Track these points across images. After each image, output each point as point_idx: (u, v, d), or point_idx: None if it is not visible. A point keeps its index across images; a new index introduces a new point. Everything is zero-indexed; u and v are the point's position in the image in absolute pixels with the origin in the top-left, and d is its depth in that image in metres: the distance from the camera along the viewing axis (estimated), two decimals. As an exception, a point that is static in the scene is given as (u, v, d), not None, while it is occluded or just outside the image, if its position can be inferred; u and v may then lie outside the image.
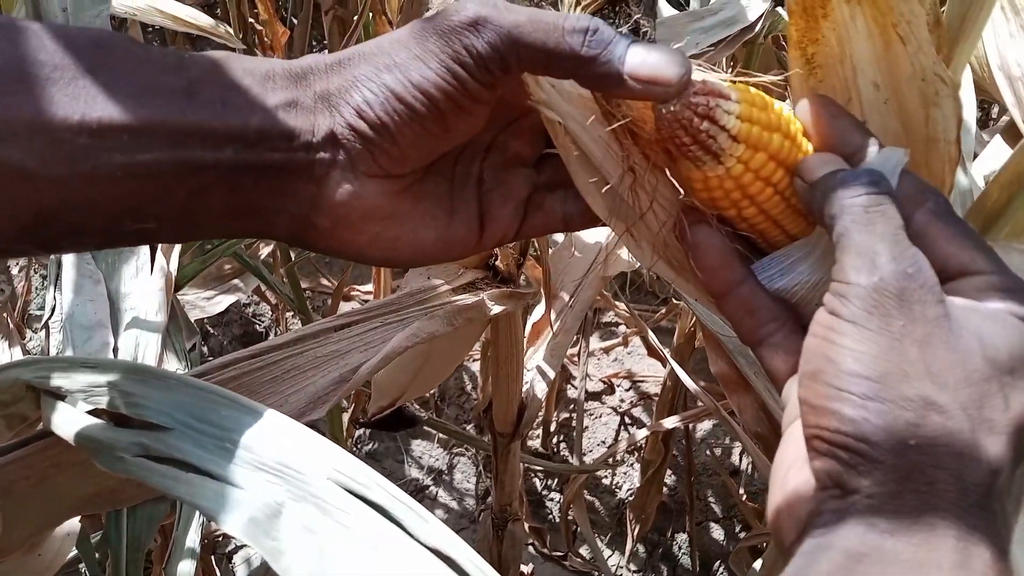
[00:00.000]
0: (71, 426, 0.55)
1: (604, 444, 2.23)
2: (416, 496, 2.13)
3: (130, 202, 0.44)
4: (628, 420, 2.29)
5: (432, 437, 2.22)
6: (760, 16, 1.06)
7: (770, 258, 0.48)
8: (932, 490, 0.37)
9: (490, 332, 1.02)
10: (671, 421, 1.61)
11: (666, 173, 0.48)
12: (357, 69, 0.46)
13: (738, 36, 1.06)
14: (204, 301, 1.56)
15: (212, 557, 1.75)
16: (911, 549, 0.36)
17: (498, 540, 1.24)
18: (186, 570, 0.92)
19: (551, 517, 2.11)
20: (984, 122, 2.49)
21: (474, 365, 2.24)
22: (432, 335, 0.79)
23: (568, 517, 1.87)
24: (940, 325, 0.39)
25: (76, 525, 0.84)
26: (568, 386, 2.25)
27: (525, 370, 1.07)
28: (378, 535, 0.44)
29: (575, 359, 2.11)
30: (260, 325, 2.44)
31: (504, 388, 1.05)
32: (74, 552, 0.95)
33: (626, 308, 1.61)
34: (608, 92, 0.46)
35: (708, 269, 0.47)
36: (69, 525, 0.81)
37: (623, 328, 2.37)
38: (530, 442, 2.15)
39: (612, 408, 2.30)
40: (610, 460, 2.07)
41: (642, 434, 1.78)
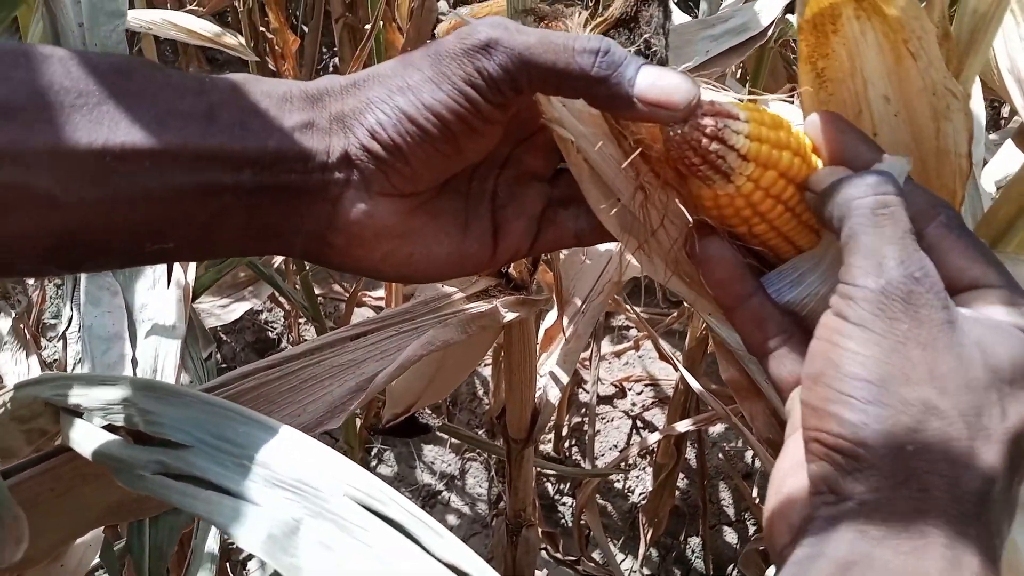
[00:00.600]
0: (89, 443, 0.56)
1: (616, 448, 2.23)
2: (428, 502, 2.14)
3: (151, 224, 0.45)
4: (640, 424, 2.29)
5: (444, 442, 2.23)
6: (770, 23, 1.06)
7: (779, 271, 0.48)
8: (925, 496, 0.37)
9: (503, 338, 1.02)
10: (683, 425, 1.61)
11: (677, 191, 0.48)
12: (371, 91, 0.46)
13: (748, 43, 1.06)
14: (219, 309, 1.57)
15: (227, 564, 1.76)
16: (901, 558, 0.36)
17: (512, 546, 1.25)
18: (205, 576, 0.93)
19: (563, 522, 2.11)
20: (994, 122, 2.47)
21: (485, 371, 2.24)
22: (447, 343, 0.80)
23: (581, 522, 1.87)
24: (944, 330, 0.39)
25: (97, 535, 0.85)
26: (579, 390, 2.25)
27: (538, 376, 1.07)
28: (395, 551, 0.45)
29: (586, 363, 2.11)
30: (272, 332, 2.45)
31: (518, 394, 1.06)
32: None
33: (636, 313, 1.60)
34: (617, 113, 0.46)
35: (718, 282, 0.48)
36: (90, 535, 0.82)
37: (634, 332, 2.37)
38: (542, 447, 2.15)
39: (624, 412, 2.30)
40: (622, 464, 2.07)
41: (654, 438, 1.77)
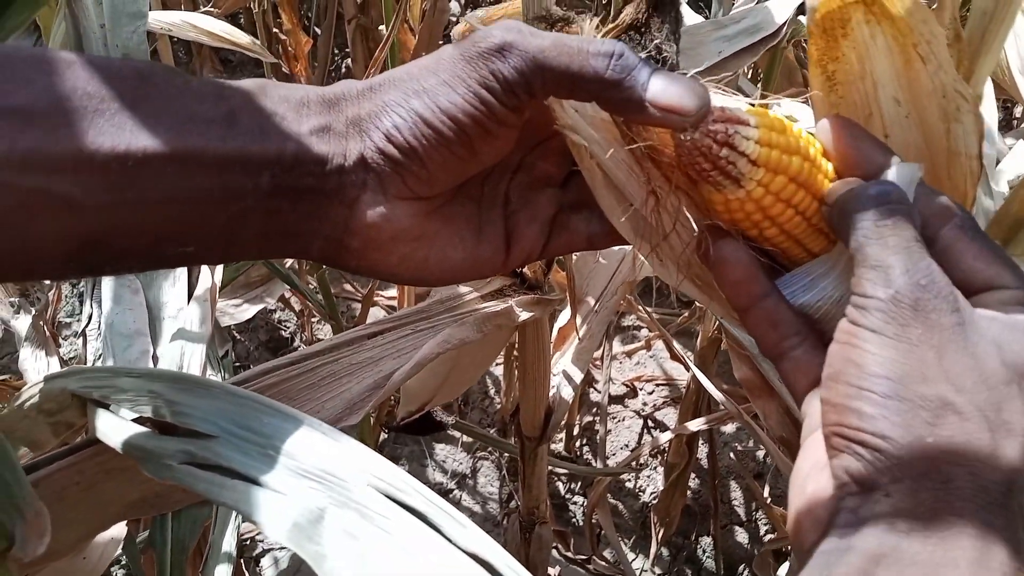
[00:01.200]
0: (117, 434, 0.57)
1: (627, 448, 2.23)
2: (441, 499, 2.14)
3: (172, 228, 0.45)
4: (651, 423, 2.29)
5: (456, 441, 2.24)
6: (783, 24, 1.07)
7: (793, 274, 0.49)
8: (948, 487, 0.38)
9: (517, 337, 1.03)
10: (695, 424, 1.61)
11: (688, 196, 0.49)
12: (387, 95, 0.47)
13: (761, 44, 1.07)
14: (233, 308, 1.59)
15: (241, 560, 1.77)
16: (929, 549, 0.37)
17: (525, 543, 1.26)
18: (222, 573, 0.94)
19: (575, 521, 2.12)
20: (1007, 123, 2.47)
21: (497, 370, 2.25)
22: (462, 341, 0.81)
23: (592, 520, 1.87)
24: (956, 332, 0.40)
25: (118, 529, 0.86)
26: (591, 390, 2.25)
27: (552, 375, 1.08)
28: (418, 540, 0.46)
29: (598, 363, 2.11)
30: (286, 331, 2.46)
31: (531, 392, 1.07)
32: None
33: (648, 313, 1.61)
34: (629, 117, 0.47)
35: (733, 283, 0.48)
36: (112, 529, 0.83)
37: (645, 331, 2.37)
38: (553, 446, 2.16)
39: (635, 412, 2.30)
40: (634, 463, 2.08)
41: (666, 437, 1.78)
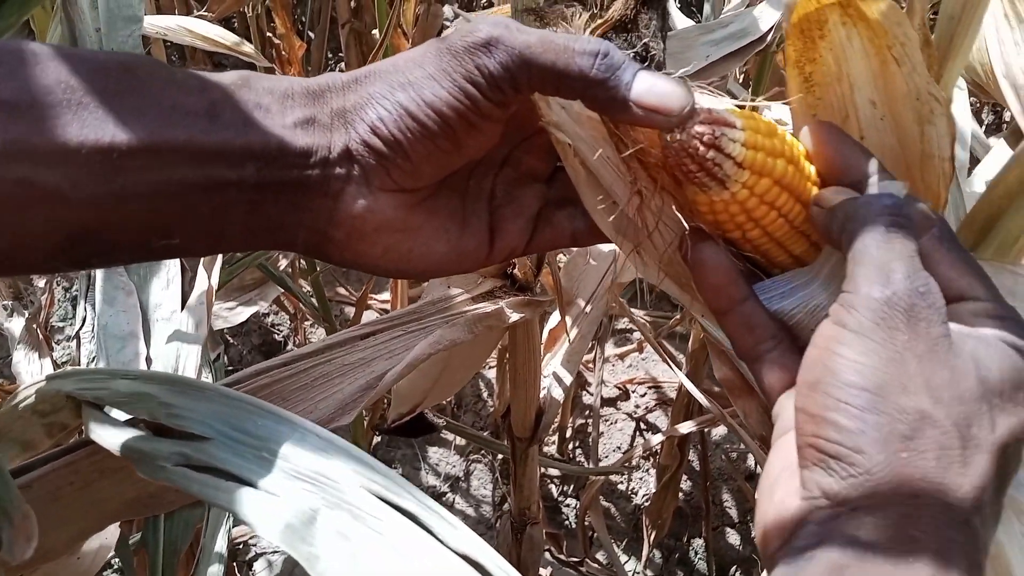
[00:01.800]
0: (112, 436, 0.57)
1: (619, 450, 2.24)
2: (434, 502, 2.15)
3: (158, 220, 0.45)
4: (643, 426, 2.30)
5: (449, 444, 2.24)
6: (770, 28, 1.08)
7: (772, 280, 0.49)
8: (916, 503, 0.38)
9: (508, 339, 1.04)
10: (686, 426, 1.62)
11: (672, 196, 0.49)
12: (372, 87, 0.47)
13: (747, 48, 1.07)
14: (226, 312, 1.59)
15: (234, 564, 1.77)
16: (889, 566, 0.37)
17: (517, 543, 1.26)
18: (213, 574, 0.94)
19: (567, 523, 2.12)
20: (997, 127, 2.49)
21: (490, 372, 2.26)
22: (453, 342, 0.81)
23: (585, 523, 1.88)
24: (941, 344, 0.41)
25: (110, 530, 0.86)
26: (583, 392, 2.26)
27: (542, 376, 1.09)
28: (410, 541, 0.46)
29: (590, 365, 2.12)
30: (279, 335, 2.47)
31: (522, 393, 1.07)
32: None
33: (638, 316, 1.62)
34: (614, 116, 0.47)
35: (712, 286, 0.48)
36: (106, 530, 0.84)
37: (637, 334, 2.38)
38: (546, 448, 2.16)
39: (627, 414, 2.31)
40: (626, 465, 2.08)
41: (657, 439, 1.78)
